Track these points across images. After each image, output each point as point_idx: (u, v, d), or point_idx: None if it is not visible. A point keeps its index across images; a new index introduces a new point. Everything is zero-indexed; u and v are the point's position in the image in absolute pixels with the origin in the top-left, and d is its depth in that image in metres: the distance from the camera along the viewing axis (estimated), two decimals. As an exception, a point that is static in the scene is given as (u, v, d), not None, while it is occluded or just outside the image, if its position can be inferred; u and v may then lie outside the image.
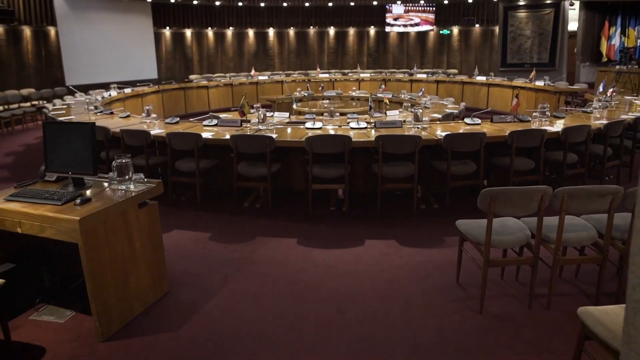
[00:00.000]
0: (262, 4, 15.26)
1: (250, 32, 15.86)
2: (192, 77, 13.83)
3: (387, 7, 15.73)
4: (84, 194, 2.63)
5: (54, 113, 6.55)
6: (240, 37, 15.83)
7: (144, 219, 2.78)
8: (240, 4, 15.11)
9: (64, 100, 8.45)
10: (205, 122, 5.16)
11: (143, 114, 5.52)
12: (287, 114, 7.05)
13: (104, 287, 2.54)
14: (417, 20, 15.90)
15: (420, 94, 9.38)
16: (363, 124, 4.86)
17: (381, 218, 4.34)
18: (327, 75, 13.27)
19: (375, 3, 15.63)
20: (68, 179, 2.84)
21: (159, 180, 2.88)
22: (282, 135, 4.57)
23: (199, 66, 15.59)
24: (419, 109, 4.82)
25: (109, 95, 8.90)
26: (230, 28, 15.59)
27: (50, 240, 2.52)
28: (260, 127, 4.85)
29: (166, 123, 5.36)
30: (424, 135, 4.51)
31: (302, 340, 2.57)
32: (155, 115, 5.50)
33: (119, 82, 10.40)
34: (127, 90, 9.72)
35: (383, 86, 11.02)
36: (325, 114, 6.90)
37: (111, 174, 2.79)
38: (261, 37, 15.99)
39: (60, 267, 3.03)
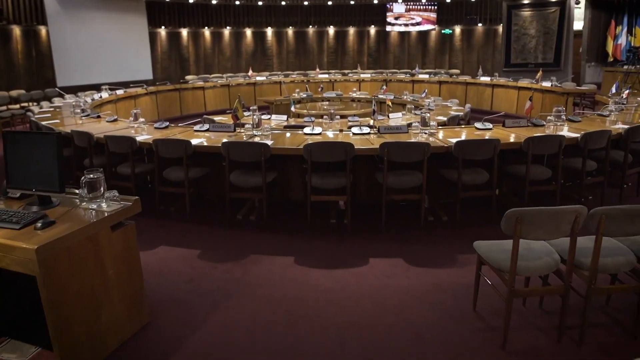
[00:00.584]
0: (260, 3, 14.92)
1: (248, 32, 15.50)
2: (188, 77, 13.48)
3: (388, 5, 15.38)
4: (48, 215, 2.27)
5: (38, 117, 6.20)
6: (237, 36, 15.48)
7: (118, 242, 2.43)
8: (237, 2, 14.77)
9: (52, 103, 8.09)
10: (197, 127, 4.81)
11: (130, 118, 5.17)
12: (285, 117, 6.71)
13: (71, 323, 2.19)
14: (418, 19, 15.56)
15: (423, 95, 9.06)
16: (366, 129, 4.51)
17: (386, 231, 3.99)
18: (326, 75, 12.92)
19: (375, 2, 15.28)
20: (34, 196, 2.49)
21: (135, 197, 2.53)
22: (279, 142, 4.22)
23: (195, 67, 15.23)
24: (425, 112, 4.48)
25: (100, 97, 8.55)
26: (228, 27, 15.24)
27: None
28: (254, 132, 4.50)
29: (155, 128, 5.01)
30: (432, 141, 4.17)
31: (299, 384, 2.23)
32: (144, 120, 5.15)
33: (113, 83, 10.06)
34: (119, 92, 9.38)
35: (384, 87, 10.67)
36: (325, 116, 6.58)
37: (80, 190, 2.44)
38: (259, 36, 15.63)
39: (27, 293, 2.68)
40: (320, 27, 15.81)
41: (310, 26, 15.73)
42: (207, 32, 15.14)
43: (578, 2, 13.52)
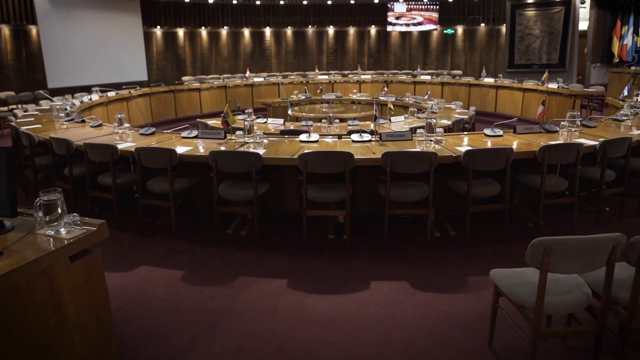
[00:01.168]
0: (258, 2, 14.59)
1: (246, 32, 15.17)
2: (184, 78, 13.14)
3: (389, 5, 15.06)
4: (-5, 244, 1.94)
5: (20, 121, 5.86)
6: (235, 36, 15.15)
7: (79, 274, 2.10)
8: (234, 2, 14.44)
9: (39, 105, 7.76)
10: (184, 134, 4.47)
11: (115, 123, 4.84)
12: (281, 120, 6.40)
13: (19, 372, 1.86)
14: (420, 19, 15.23)
15: (426, 97, 8.73)
16: (366, 136, 4.17)
17: (388, 248, 3.66)
18: (326, 76, 12.58)
19: (376, 1, 14.96)
20: (-15, 220, 2.15)
21: (101, 221, 2.19)
22: (272, 150, 3.89)
23: (192, 67, 14.90)
24: (431, 118, 4.14)
25: (90, 100, 8.21)
26: (225, 27, 14.91)
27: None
28: (246, 139, 4.16)
29: (140, 134, 4.68)
30: (438, 149, 3.84)
31: None
32: (129, 125, 4.81)
33: (106, 85, 9.71)
34: (111, 94, 9.03)
35: (385, 89, 10.35)
36: (324, 120, 6.26)
37: (36, 214, 2.11)
38: (257, 36, 15.30)
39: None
40: (320, 27, 15.48)
41: (310, 26, 15.40)
42: (204, 32, 14.82)
43: (583, 2, 13.19)
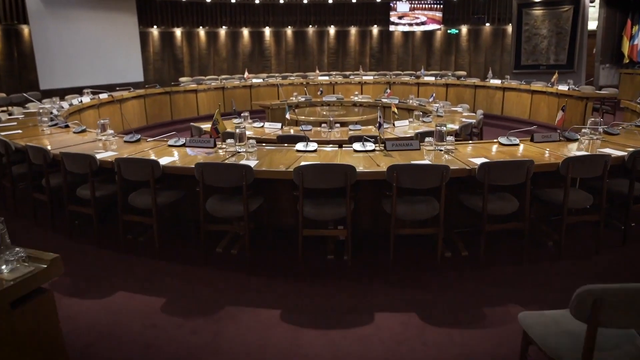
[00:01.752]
0: (257, 1, 14.23)
1: (245, 32, 14.81)
2: (182, 79, 12.78)
3: (392, 4, 14.68)
4: None
5: (2, 125, 5.52)
6: (234, 36, 14.79)
7: (26, 321, 1.74)
8: (233, 1, 14.09)
9: (27, 108, 7.40)
10: (171, 142, 4.10)
11: (98, 130, 4.48)
12: (279, 125, 6.04)
13: None
14: (423, 18, 14.85)
15: (431, 99, 8.36)
16: (370, 145, 3.80)
17: (394, 271, 3.29)
18: (326, 77, 12.20)
19: (378, 0, 14.58)
20: None
21: (54, 256, 1.83)
22: (265, 161, 3.52)
23: (189, 68, 14.55)
24: (441, 125, 3.77)
25: (80, 102, 7.85)
26: (224, 27, 14.55)
27: None
28: (237, 149, 3.80)
29: (125, 142, 4.31)
30: (449, 160, 3.47)
31: None
32: (112, 132, 4.46)
33: (100, 86, 9.38)
34: (103, 96, 8.67)
35: (388, 90, 9.98)
36: (324, 124, 5.91)
37: (-27, 250, 1.75)
38: (257, 36, 14.94)
39: None
40: (321, 27, 15.11)
41: (310, 26, 15.03)
42: (201, 31, 14.46)
43: (593, 1, 12.81)
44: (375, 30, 15.21)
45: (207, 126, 5.91)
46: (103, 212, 4.02)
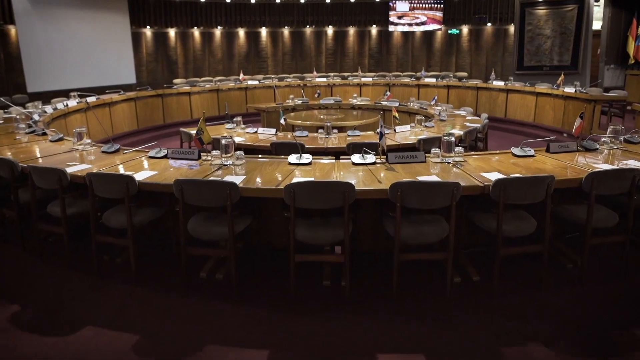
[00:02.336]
0: (253, 1, 13.87)
1: (241, 32, 14.46)
2: (176, 81, 12.45)
3: (391, 4, 14.34)
4: None
5: (-24, 132, 5.16)
6: (229, 37, 14.43)
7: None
8: (228, 0, 13.72)
9: (8, 113, 7.02)
10: (152, 153, 3.74)
11: (74, 139, 4.12)
12: (273, 130, 5.70)
13: None
14: (423, 18, 14.51)
15: (432, 102, 8.02)
16: (370, 157, 3.45)
17: (398, 301, 2.93)
18: (324, 79, 11.85)
19: (377, 0, 14.24)
20: None
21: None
22: (253, 177, 3.15)
23: (184, 69, 14.19)
24: (450, 135, 3.41)
25: (66, 106, 7.48)
26: (219, 27, 14.19)
27: None
28: (224, 161, 3.44)
29: (102, 152, 3.95)
30: (456, 173, 3.12)
31: None
32: (90, 141, 4.09)
33: (91, 89, 9.00)
34: (91, 99, 8.30)
35: (388, 93, 9.63)
36: (320, 130, 5.57)
37: None
38: (253, 37, 14.59)
39: None
40: (318, 27, 14.76)
41: (308, 26, 14.68)
42: (196, 32, 14.10)
43: (597, 0, 12.48)
44: (374, 30, 14.87)
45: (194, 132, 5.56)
46: (79, 229, 3.66)
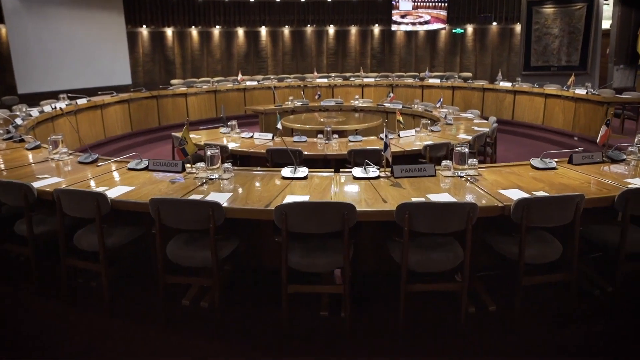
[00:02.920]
0: (252, -1, 13.52)
1: (240, 31, 14.10)
2: (173, 82, 12.10)
3: (394, 2, 13.95)
4: None
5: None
6: (228, 36, 14.07)
7: None
8: (226, -1, 13.38)
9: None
10: (131, 164, 3.38)
11: (49, 147, 3.77)
12: (269, 135, 5.37)
13: None
14: (427, 17, 14.12)
15: (438, 104, 7.66)
16: (373, 171, 3.09)
17: (405, 336, 2.57)
18: (325, 80, 11.49)
19: (380, -2, 13.88)
20: None
21: None
22: (241, 195, 2.80)
23: (181, 70, 13.83)
24: (463, 146, 3.05)
25: (54, 108, 7.14)
26: (217, 27, 13.83)
27: None
28: (209, 175, 3.08)
29: (79, 162, 3.60)
30: (472, 190, 2.76)
31: None
32: (66, 150, 3.74)
33: (85, 90, 8.65)
34: (82, 101, 7.96)
35: (391, 94, 9.27)
36: (320, 134, 5.23)
37: None
38: (252, 36, 14.22)
39: None
40: (319, 26, 14.38)
41: (309, 25, 14.31)
42: (194, 31, 13.75)
43: (607, -2, 12.11)
44: (376, 29, 14.49)
45: (192, 136, 5.21)
46: (53, 248, 3.31)
